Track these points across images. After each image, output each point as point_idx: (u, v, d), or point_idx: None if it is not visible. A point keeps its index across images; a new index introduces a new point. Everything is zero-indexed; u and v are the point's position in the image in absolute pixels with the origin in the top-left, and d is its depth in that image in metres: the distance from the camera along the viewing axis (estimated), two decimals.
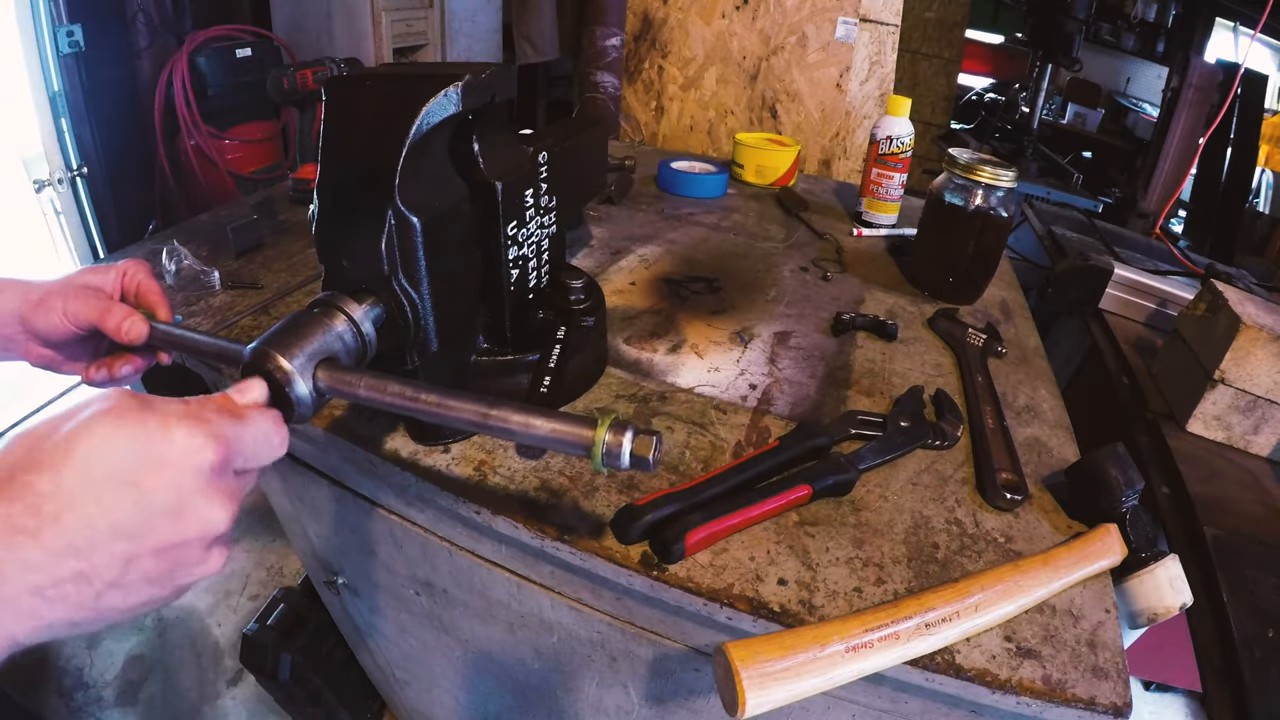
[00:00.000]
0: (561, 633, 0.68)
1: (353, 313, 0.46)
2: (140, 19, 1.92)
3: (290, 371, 0.40)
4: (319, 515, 0.85)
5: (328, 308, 0.46)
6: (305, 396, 0.41)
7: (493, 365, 0.62)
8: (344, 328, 0.45)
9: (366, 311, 0.47)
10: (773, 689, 0.43)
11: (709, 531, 0.52)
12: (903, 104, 1.10)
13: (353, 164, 0.51)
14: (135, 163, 1.97)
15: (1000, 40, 4.52)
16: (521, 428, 0.41)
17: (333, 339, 0.44)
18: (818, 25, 1.67)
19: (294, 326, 0.43)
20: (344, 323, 0.45)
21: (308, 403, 0.41)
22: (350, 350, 0.45)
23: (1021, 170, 1.58)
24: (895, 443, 0.65)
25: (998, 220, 0.90)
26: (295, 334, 0.42)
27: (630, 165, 1.28)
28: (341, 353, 0.45)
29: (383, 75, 0.56)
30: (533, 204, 0.62)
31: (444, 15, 2.43)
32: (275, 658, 1.21)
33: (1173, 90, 2.08)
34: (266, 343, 0.41)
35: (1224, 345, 0.89)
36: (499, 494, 0.57)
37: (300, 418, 0.41)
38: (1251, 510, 0.84)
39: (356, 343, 0.46)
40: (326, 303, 0.46)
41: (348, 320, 0.46)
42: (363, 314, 0.47)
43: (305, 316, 0.44)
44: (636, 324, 0.83)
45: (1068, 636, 0.51)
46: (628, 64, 1.87)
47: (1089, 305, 1.31)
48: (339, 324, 0.45)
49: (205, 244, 0.91)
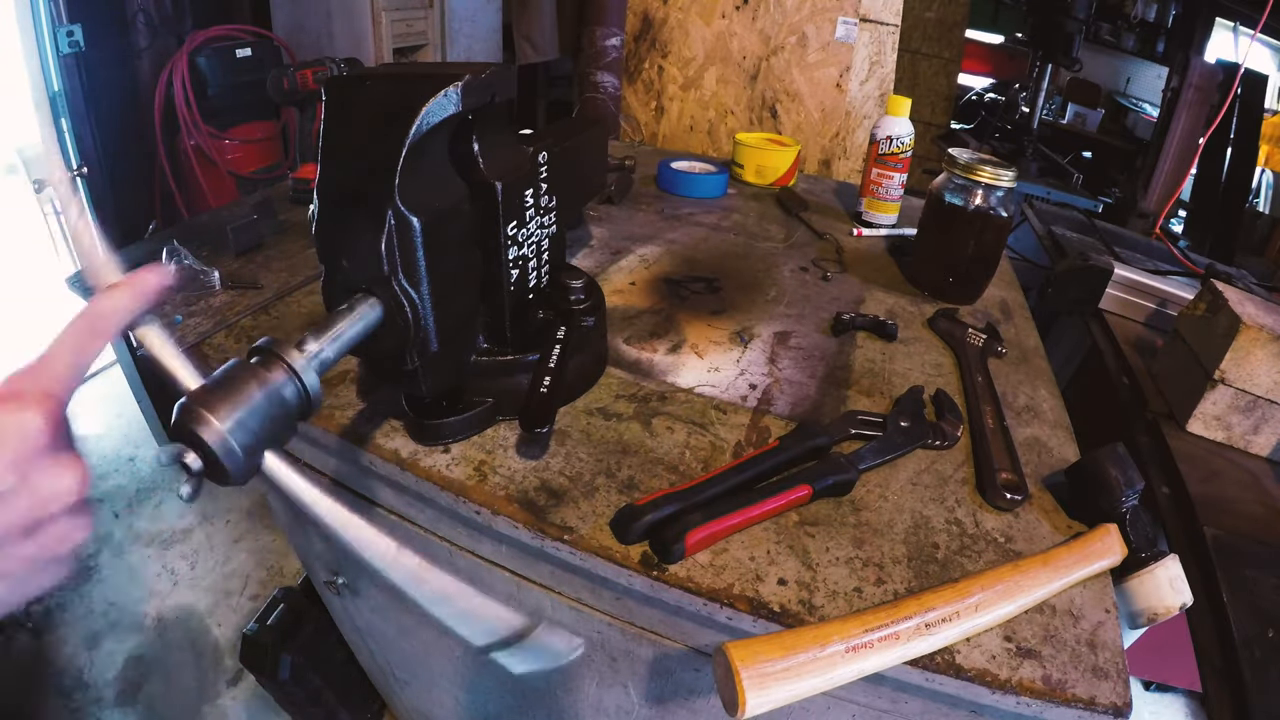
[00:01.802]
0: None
1: (294, 362, 0.42)
2: (140, 19, 1.92)
3: (222, 434, 0.37)
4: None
5: (267, 357, 0.42)
6: (238, 463, 0.37)
7: (493, 365, 0.62)
8: (283, 380, 0.41)
9: (309, 361, 0.43)
10: (773, 689, 0.43)
11: (709, 531, 0.52)
12: (903, 104, 1.10)
13: (353, 164, 0.51)
14: (135, 163, 1.97)
15: (1000, 40, 4.52)
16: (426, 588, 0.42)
17: (270, 396, 0.40)
18: (818, 25, 1.67)
19: (227, 381, 0.39)
20: (283, 374, 0.41)
21: (240, 469, 0.38)
22: (289, 406, 0.41)
23: (1021, 170, 1.58)
24: (895, 443, 0.65)
25: (998, 220, 0.90)
26: (227, 389, 0.38)
27: (630, 165, 1.28)
28: (278, 413, 0.40)
29: (383, 75, 0.56)
30: (533, 204, 0.62)
31: (444, 15, 2.43)
32: (275, 658, 1.21)
33: (1173, 90, 2.08)
34: (196, 400, 0.37)
35: (1224, 345, 0.89)
36: (499, 494, 0.57)
37: (232, 481, 0.38)
38: (1251, 510, 0.84)
39: (299, 397, 0.42)
40: (265, 351, 0.42)
41: (288, 372, 0.41)
42: (305, 363, 0.42)
43: (240, 370, 0.40)
44: (636, 324, 0.83)
45: (1068, 636, 0.51)
46: (628, 64, 1.87)
47: (1089, 305, 1.31)
48: (278, 376, 0.41)
49: (205, 244, 0.91)
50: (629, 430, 0.65)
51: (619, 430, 0.65)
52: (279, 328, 0.76)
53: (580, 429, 0.64)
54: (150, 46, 1.95)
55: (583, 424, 0.65)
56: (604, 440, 0.63)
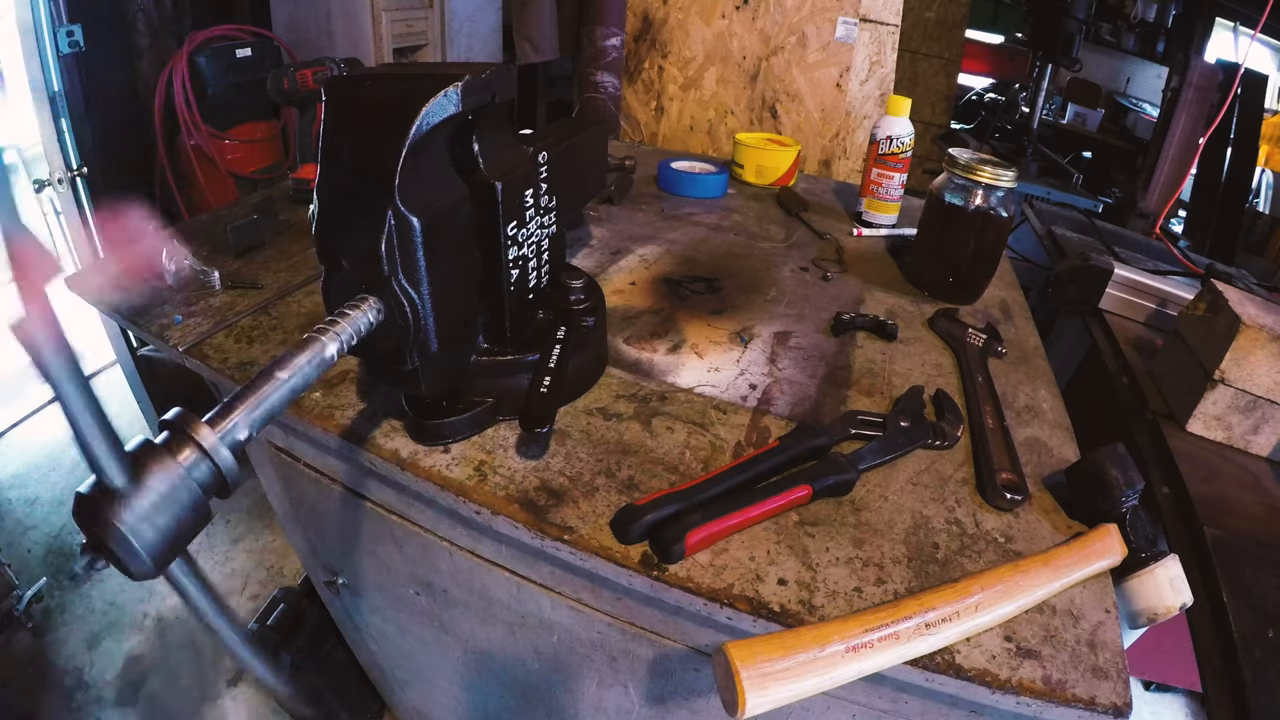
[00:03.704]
0: (561, 633, 0.68)
1: (204, 440, 0.37)
2: (140, 19, 1.92)
3: (122, 533, 0.34)
4: (319, 515, 0.85)
5: (176, 435, 0.37)
6: (143, 564, 0.34)
7: (493, 365, 0.62)
8: (193, 460, 0.37)
9: (222, 438, 0.38)
10: (773, 689, 0.43)
11: (709, 531, 0.52)
12: (903, 104, 1.10)
13: (353, 164, 0.51)
14: (135, 163, 1.97)
15: (1000, 40, 4.52)
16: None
17: (176, 483, 0.36)
18: (818, 25, 1.67)
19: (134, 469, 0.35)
20: (193, 455, 0.37)
21: (147, 569, 0.35)
22: (205, 486, 0.37)
23: (1021, 170, 1.58)
24: (895, 443, 0.65)
25: (998, 220, 0.90)
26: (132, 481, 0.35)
27: (630, 165, 1.28)
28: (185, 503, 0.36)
29: (383, 75, 0.56)
30: (533, 204, 0.62)
31: (444, 15, 2.43)
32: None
33: (1173, 90, 2.08)
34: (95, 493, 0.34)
35: (1224, 345, 0.89)
36: (499, 494, 0.57)
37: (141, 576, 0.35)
38: (1251, 510, 0.84)
39: (212, 477, 0.38)
40: (174, 427, 0.37)
41: (198, 452, 0.37)
42: (216, 441, 0.38)
43: (146, 452, 0.36)
44: (636, 324, 0.83)
45: (1068, 636, 0.51)
46: (628, 64, 1.87)
47: (1089, 305, 1.31)
48: (187, 458, 0.37)
49: (205, 244, 0.91)
50: (629, 430, 0.65)
51: (619, 430, 0.65)
52: (279, 327, 0.76)
53: (580, 429, 0.64)
54: (150, 46, 1.96)
55: (583, 424, 0.65)
56: (604, 440, 0.63)
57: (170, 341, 0.73)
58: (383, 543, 0.76)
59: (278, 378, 0.43)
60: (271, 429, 0.77)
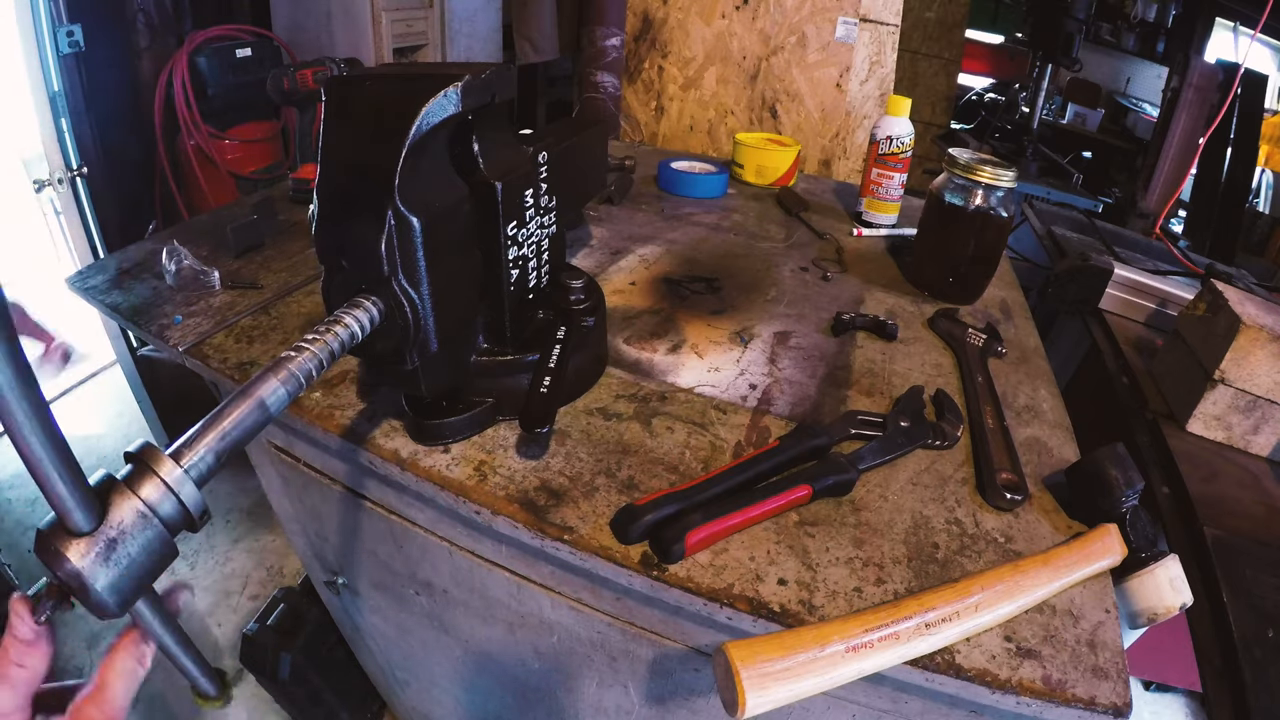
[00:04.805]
0: (561, 632, 0.68)
1: (167, 475, 0.35)
2: (140, 19, 1.92)
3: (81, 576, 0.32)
4: (319, 515, 0.85)
5: (139, 469, 0.35)
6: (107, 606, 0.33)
7: (493, 365, 0.62)
8: (158, 497, 0.35)
9: (188, 470, 0.36)
10: (773, 689, 0.43)
11: (709, 531, 0.52)
12: (903, 104, 1.10)
13: (353, 164, 0.51)
14: (135, 163, 1.97)
15: (1000, 40, 4.52)
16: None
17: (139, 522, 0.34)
18: (818, 25, 1.67)
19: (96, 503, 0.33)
20: (157, 493, 0.35)
21: (110, 611, 0.33)
22: (171, 524, 0.35)
23: (1021, 170, 1.58)
24: (895, 443, 0.65)
25: (998, 220, 0.90)
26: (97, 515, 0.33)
27: (630, 165, 1.28)
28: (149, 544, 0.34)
29: (383, 75, 0.56)
30: (533, 204, 0.62)
31: (444, 15, 2.43)
32: (275, 658, 1.21)
33: (1173, 90, 2.08)
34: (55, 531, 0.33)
35: (1224, 345, 0.89)
36: (499, 494, 0.57)
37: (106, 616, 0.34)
38: (1251, 510, 0.84)
39: (178, 514, 0.35)
40: (137, 460, 0.35)
41: (162, 488, 0.35)
42: (180, 477, 0.35)
43: (108, 488, 0.34)
44: (636, 324, 0.83)
45: (1068, 636, 0.51)
46: (628, 64, 1.87)
47: (1089, 305, 1.31)
48: (150, 495, 0.34)
49: (205, 244, 0.91)
50: (629, 430, 0.65)
51: (619, 430, 0.65)
52: (279, 327, 0.76)
53: (580, 429, 0.64)
54: (150, 46, 1.95)
55: (583, 424, 0.65)
56: (604, 440, 0.63)
57: (170, 341, 0.73)
58: (383, 543, 0.77)
59: (246, 402, 0.40)
60: (271, 429, 0.77)
